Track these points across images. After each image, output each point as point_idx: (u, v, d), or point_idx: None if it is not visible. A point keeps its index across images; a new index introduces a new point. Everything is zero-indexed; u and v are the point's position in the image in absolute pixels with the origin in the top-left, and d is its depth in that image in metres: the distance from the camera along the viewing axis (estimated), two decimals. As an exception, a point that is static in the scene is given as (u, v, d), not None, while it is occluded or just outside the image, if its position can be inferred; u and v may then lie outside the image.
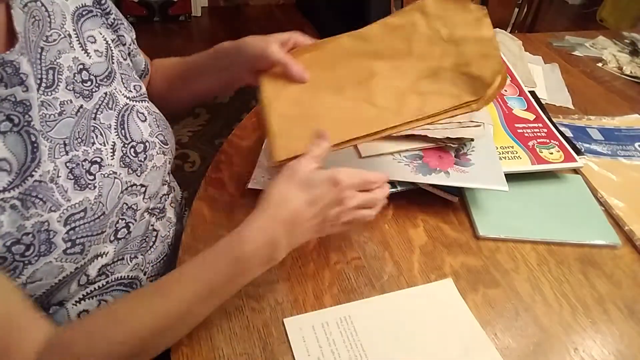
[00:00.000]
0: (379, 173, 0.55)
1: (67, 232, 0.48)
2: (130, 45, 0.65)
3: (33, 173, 0.46)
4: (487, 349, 0.52)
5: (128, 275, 0.59)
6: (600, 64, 1.18)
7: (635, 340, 0.55)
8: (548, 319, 0.56)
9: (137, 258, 0.61)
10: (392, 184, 0.69)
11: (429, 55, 0.58)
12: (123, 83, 0.60)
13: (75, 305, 0.55)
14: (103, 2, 0.60)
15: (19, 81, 0.46)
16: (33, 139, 0.47)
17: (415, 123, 0.56)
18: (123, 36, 0.63)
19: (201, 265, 0.48)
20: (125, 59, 0.63)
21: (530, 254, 0.64)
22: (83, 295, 0.55)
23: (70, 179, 0.50)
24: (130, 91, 0.61)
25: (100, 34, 0.59)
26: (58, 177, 0.49)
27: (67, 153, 0.50)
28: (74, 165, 0.50)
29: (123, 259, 0.59)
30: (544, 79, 1.08)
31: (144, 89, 0.63)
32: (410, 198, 0.70)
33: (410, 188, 0.69)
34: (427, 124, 0.57)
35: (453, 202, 0.70)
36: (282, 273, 0.59)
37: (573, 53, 1.21)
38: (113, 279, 0.58)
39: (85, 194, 0.50)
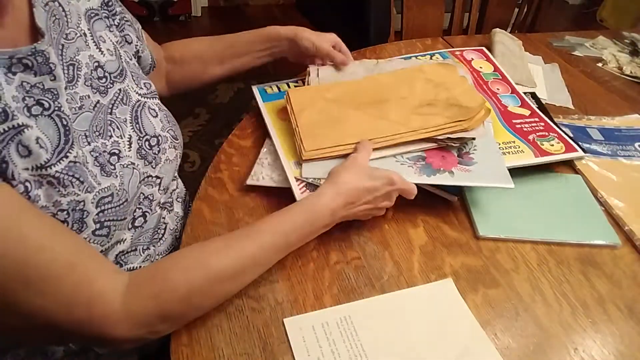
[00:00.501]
0: (414, 185, 0.63)
1: (97, 214, 0.50)
2: (136, 43, 0.67)
3: (67, 154, 0.48)
4: (487, 349, 0.52)
5: (140, 267, 0.61)
6: (600, 64, 1.18)
7: (635, 340, 0.55)
8: (548, 319, 0.56)
9: (149, 249, 0.63)
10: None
11: (427, 93, 0.76)
12: (134, 80, 0.62)
13: None
14: (110, 3, 0.62)
15: (47, 70, 0.48)
16: (64, 122, 0.49)
17: (420, 134, 0.69)
18: (129, 35, 0.65)
19: (281, 220, 0.56)
20: (131, 59, 0.64)
21: (530, 254, 0.64)
22: None
23: (96, 165, 0.52)
24: (141, 88, 0.63)
25: (107, 35, 0.60)
26: (87, 162, 0.51)
27: (89, 144, 0.52)
28: (97, 154, 0.53)
29: (136, 249, 0.61)
30: (544, 79, 1.08)
31: (153, 87, 0.65)
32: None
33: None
34: (429, 135, 0.69)
35: (453, 202, 0.70)
36: (282, 273, 0.59)
37: (573, 53, 1.21)
38: (126, 269, 0.59)
39: (111, 180, 0.53)
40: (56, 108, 0.49)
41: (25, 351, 0.58)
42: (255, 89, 0.85)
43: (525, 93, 0.91)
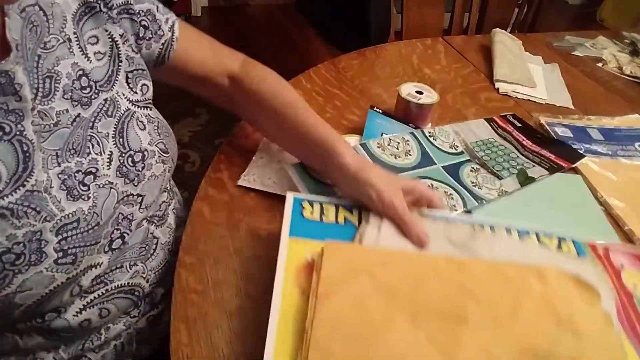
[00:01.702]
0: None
1: (58, 242, 0.47)
2: (137, 34, 0.59)
3: (25, 183, 0.45)
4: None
5: (128, 283, 0.59)
6: (600, 64, 1.18)
7: (635, 341, 0.54)
8: (548, 319, 0.56)
9: (137, 265, 0.60)
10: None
11: (539, 331, 0.46)
12: (128, 84, 0.57)
13: (77, 315, 0.55)
14: None
15: (12, 91, 0.45)
16: (25, 148, 0.46)
17: None
18: (128, 27, 0.57)
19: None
20: (136, 53, 0.58)
21: (530, 254, 0.64)
22: (83, 305, 0.55)
23: (62, 189, 0.49)
24: (136, 92, 0.58)
25: (106, 30, 0.55)
26: (51, 187, 0.48)
27: (59, 165, 0.49)
28: (66, 176, 0.49)
29: (122, 266, 0.58)
30: (544, 79, 1.09)
31: (150, 93, 0.60)
32: (410, 198, 0.70)
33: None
34: None
35: (453, 202, 0.69)
36: (282, 273, 0.58)
37: (573, 53, 1.21)
38: (113, 287, 0.57)
39: (78, 205, 0.49)
40: (17, 132, 0.45)
41: (16, 357, 0.57)
42: (289, 197, 0.57)
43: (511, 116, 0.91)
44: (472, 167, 0.75)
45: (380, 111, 0.82)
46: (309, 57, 2.69)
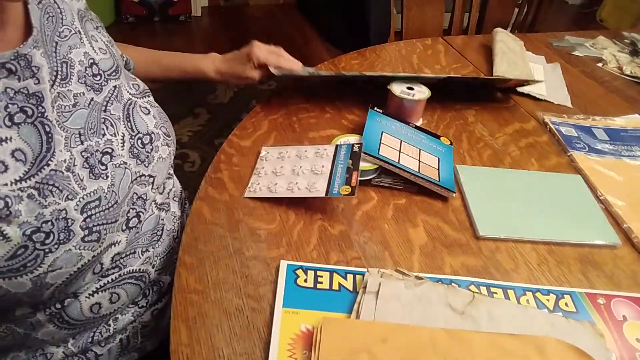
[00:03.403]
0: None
1: (84, 220, 0.49)
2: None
3: (49, 162, 0.48)
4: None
5: (139, 269, 0.61)
6: (600, 64, 1.18)
7: (635, 341, 0.54)
8: (548, 319, 0.56)
9: (148, 252, 0.63)
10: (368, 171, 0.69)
11: None
12: (126, 79, 0.62)
13: (89, 298, 0.57)
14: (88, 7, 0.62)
15: (30, 74, 0.47)
16: (47, 129, 0.48)
17: None
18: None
19: None
20: (121, 58, 0.65)
21: (530, 254, 0.64)
22: (96, 288, 0.57)
23: (85, 167, 0.51)
24: (131, 88, 0.62)
25: (97, 35, 0.60)
26: (74, 165, 0.50)
27: (82, 143, 0.52)
28: (88, 154, 0.52)
29: (135, 252, 0.61)
30: (544, 77, 1.09)
31: (142, 86, 0.65)
32: (410, 198, 0.70)
33: (408, 186, 0.70)
34: None
35: (453, 203, 0.70)
36: (282, 273, 0.59)
37: (573, 53, 1.21)
38: (125, 272, 0.60)
39: (99, 183, 0.52)
40: (39, 114, 0.48)
41: (25, 352, 0.58)
42: (283, 266, 0.58)
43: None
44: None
45: (381, 111, 0.82)
46: (309, 57, 2.69)
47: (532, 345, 0.50)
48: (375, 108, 0.83)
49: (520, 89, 1.01)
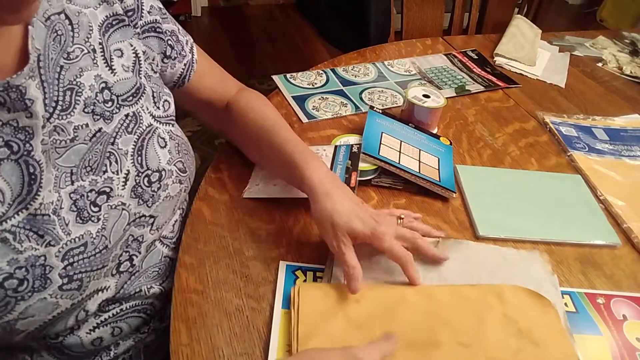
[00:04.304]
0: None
1: (64, 268, 0.45)
2: (164, 52, 0.59)
3: (28, 206, 0.43)
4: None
5: (143, 302, 0.59)
6: (600, 64, 1.18)
7: (635, 341, 0.54)
8: (548, 319, 0.56)
9: (154, 288, 0.59)
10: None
11: (504, 345, 0.49)
12: (153, 98, 0.56)
13: (89, 333, 0.54)
14: (130, 12, 0.54)
15: (22, 107, 0.42)
16: (31, 170, 0.43)
17: None
18: (152, 47, 0.57)
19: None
20: (155, 72, 0.58)
21: (530, 254, 0.64)
22: (97, 323, 0.55)
23: (73, 210, 0.47)
24: (158, 108, 0.57)
25: (131, 45, 0.54)
26: (61, 208, 0.46)
27: (72, 183, 0.47)
28: (78, 196, 0.47)
29: (140, 290, 0.58)
30: (547, 62, 1.14)
31: (172, 109, 0.59)
32: (410, 198, 0.70)
33: (408, 186, 0.70)
34: None
35: (453, 203, 0.70)
36: (282, 273, 0.58)
37: (573, 53, 1.21)
38: (128, 307, 0.57)
39: (86, 227, 0.48)
40: (25, 152, 0.43)
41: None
42: (282, 267, 0.58)
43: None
44: (421, 82, 1.00)
45: (380, 111, 0.82)
46: (309, 57, 2.69)
47: (491, 293, 0.54)
48: (375, 108, 0.83)
49: (514, 69, 1.08)
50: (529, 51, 1.13)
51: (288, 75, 0.96)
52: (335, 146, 0.75)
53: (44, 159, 0.44)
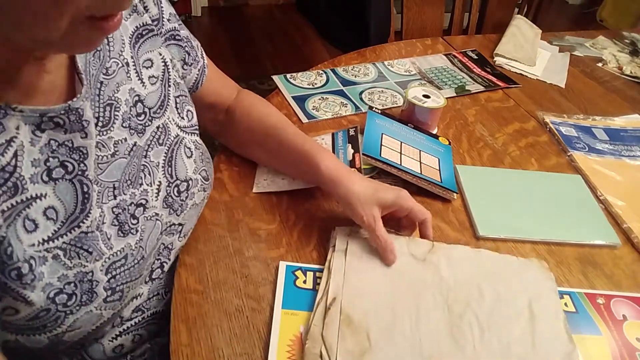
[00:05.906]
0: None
1: (108, 281, 0.47)
2: (184, 59, 0.60)
3: (80, 224, 0.44)
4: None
5: (162, 310, 0.59)
6: (600, 64, 1.18)
7: (635, 341, 0.54)
8: (548, 319, 0.56)
9: (171, 292, 0.60)
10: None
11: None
12: (177, 109, 0.56)
13: (111, 341, 0.55)
14: (157, 21, 0.54)
15: (79, 127, 0.43)
16: (85, 189, 0.44)
17: None
18: (175, 52, 0.58)
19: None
20: (182, 79, 0.59)
21: (530, 254, 0.64)
22: (119, 332, 0.55)
23: (114, 225, 0.47)
24: (183, 118, 0.57)
25: (160, 54, 0.54)
26: (103, 223, 0.46)
27: (115, 197, 0.48)
28: (120, 210, 0.48)
29: (159, 294, 0.59)
30: (547, 62, 1.14)
31: (195, 119, 0.60)
32: (410, 198, 0.70)
33: (407, 186, 0.70)
34: None
35: (453, 203, 0.70)
36: (282, 273, 0.58)
37: (573, 53, 1.21)
38: (149, 315, 0.58)
39: (127, 240, 0.48)
40: (80, 172, 0.44)
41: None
42: (282, 267, 0.58)
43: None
44: (421, 82, 1.00)
45: (379, 111, 0.82)
46: (308, 57, 2.69)
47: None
48: (374, 108, 0.83)
49: (514, 69, 1.08)
50: (529, 51, 1.13)
51: (288, 76, 0.96)
52: (333, 133, 0.76)
53: (101, 165, 0.46)
